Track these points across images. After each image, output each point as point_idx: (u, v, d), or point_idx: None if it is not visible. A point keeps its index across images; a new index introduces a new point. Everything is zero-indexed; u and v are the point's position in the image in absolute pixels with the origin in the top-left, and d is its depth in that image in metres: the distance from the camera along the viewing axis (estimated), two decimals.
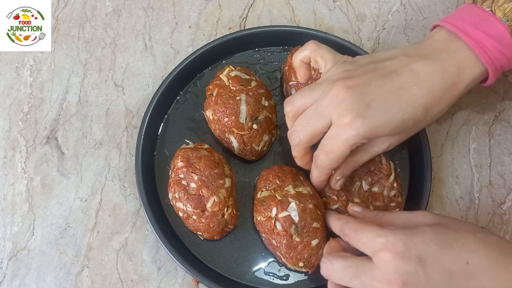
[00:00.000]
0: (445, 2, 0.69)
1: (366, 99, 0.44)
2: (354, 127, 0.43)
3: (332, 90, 0.45)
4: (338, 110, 0.44)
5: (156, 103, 0.59)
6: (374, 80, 0.45)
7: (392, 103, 0.44)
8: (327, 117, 0.45)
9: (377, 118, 0.44)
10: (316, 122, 0.45)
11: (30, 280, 0.56)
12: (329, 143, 0.45)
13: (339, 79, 0.45)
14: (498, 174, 0.60)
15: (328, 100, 0.45)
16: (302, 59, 0.50)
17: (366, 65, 0.47)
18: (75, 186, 0.60)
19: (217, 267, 0.55)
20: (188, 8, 0.69)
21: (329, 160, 0.46)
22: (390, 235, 0.41)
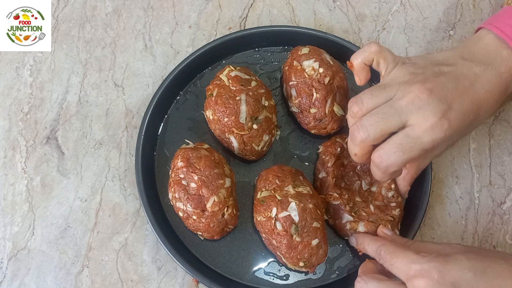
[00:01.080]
0: (445, 2, 0.69)
1: (448, 101, 0.44)
2: (442, 129, 0.43)
3: (412, 91, 0.44)
4: (423, 111, 0.44)
5: (156, 103, 0.59)
6: (448, 83, 0.45)
7: (467, 104, 0.45)
8: (404, 118, 0.44)
9: (458, 120, 0.44)
10: (391, 120, 0.44)
11: (30, 280, 0.56)
12: (408, 142, 0.44)
13: (415, 82, 0.45)
14: (498, 174, 0.60)
15: (407, 100, 0.44)
16: (365, 61, 0.50)
17: (429, 67, 0.47)
18: (75, 186, 0.60)
19: (217, 267, 0.55)
20: (188, 8, 0.69)
21: (403, 159, 0.45)
22: (425, 262, 0.41)
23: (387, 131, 0.45)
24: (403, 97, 0.45)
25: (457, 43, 0.67)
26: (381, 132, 0.45)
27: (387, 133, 0.45)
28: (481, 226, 0.58)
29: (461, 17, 0.68)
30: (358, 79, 0.51)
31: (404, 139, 0.44)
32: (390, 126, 0.45)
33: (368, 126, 0.45)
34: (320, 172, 0.57)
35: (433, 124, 0.43)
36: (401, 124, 0.44)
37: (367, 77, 0.51)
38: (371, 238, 0.50)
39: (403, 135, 0.44)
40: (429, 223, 0.58)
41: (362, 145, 0.46)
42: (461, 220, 0.58)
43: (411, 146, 0.44)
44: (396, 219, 0.54)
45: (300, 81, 0.57)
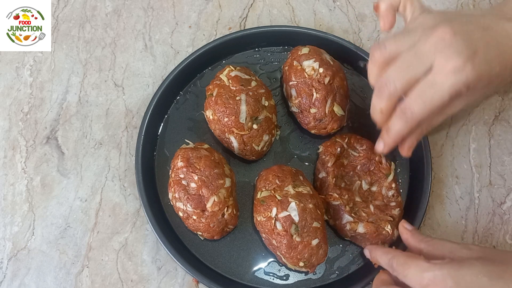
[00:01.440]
0: (445, 2, 0.69)
1: (473, 46, 0.41)
2: (464, 72, 0.41)
3: (436, 32, 0.42)
4: (445, 53, 0.41)
5: (156, 103, 0.59)
6: (476, 30, 0.43)
7: (492, 53, 0.43)
8: (428, 62, 0.42)
9: (482, 66, 0.42)
10: (416, 68, 0.42)
11: (30, 280, 0.56)
12: (430, 90, 0.42)
13: (440, 23, 0.43)
14: (498, 174, 0.60)
15: (431, 43, 0.42)
16: (392, 2, 0.48)
17: (458, 16, 0.45)
18: (75, 186, 0.60)
19: (217, 267, 0.55)
20: (188, 8, 0.69)
21: (426, 110, 0.42)
22: (437, 270, 0.41)
23: (414, 80, 0.43)
24: (427, 40, 0.42)
25: None
26: (408, 84, 0.43)
27: (415, 82, 0.43)
28: (481, 226, 0.58)
29: None
30: (383, 23, 0.49)
31: (425, 87, 0.42)
32: (416, 76, 0.42)
33: (395, 78, 0.43)
34: (320, 172, 0.57)
35: (456, 67, 0.41)
36: (427, 70, 0.42)
37: (392, 23, 0.48)
38: (383, 251, 0.49)
39: (425, 83, 0.42)
40: (429, 223, 0.58)
41: (390, 99, 0.44)
42: (461, 220, 0.58)
43: (433, 94, 0.42)
44: (396, 218, 0.54)
45: (300, 81, 0.57)
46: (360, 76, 0.64)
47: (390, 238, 0.53)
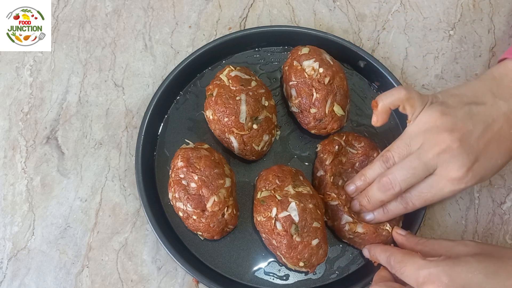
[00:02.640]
0: (445, 2, 0.69)
1: (474, 152, 0.45)
2: (464, 181, 0.45)
3: (440, 143, 0.45)
4: (449, 165, 0.45)
5: (156, 103, 0.59)
6: (476, 130, 0.46)
7: (493, 152, 0.46)
8: (432, 168, 0.46)
9: (483, 170, 0.46)
10: (421, 173, 0.47)
11: (30, 280, 0.56)
12: (430, 192, 0.47)
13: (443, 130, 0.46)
14: (498, 174, 0.60)
15: (435, 153, 0.46)
16: (390, 106, 0.50)
17: (459, 108, 0.47)
18: (75, 186, 0.60)
19: (217, 267, 0.55)
20: (188, 8, 0.69)
21: (423, 205, 0.49)
22: (433, 267, 0.41)
23: (416, 182, 0.48)
24: (430, 149, 0.46)
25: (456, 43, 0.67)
26: (411, 185, 0.48)
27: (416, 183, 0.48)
28: (481, 226, 0.58)
29: (461, 17, 0.68)
30: (376, 120, 0.51)
31: (426, 188, 0.47)
32: (419, 179, 0.47)
33: (400, 181, 0.48)
34: (319, 170, 0.57)
35: (457, 178, 0.45)
36: (429, 173, 0.47)
37: (385, 121, 0.51)
38: (381, 249, 0.51)
39: (426, 185, 0.47)
40: (429, 223, 0.58)
41: (394, 196, 0.50)
42: (461, 220, 0.58)
43: (432, 196, 0.47)
44: (397, 217, 0.54)
45: (300, 81, 0.57)
46: (360, 76, 0.64)
47: (390, 238, 0.53)
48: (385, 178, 0.49)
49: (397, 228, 0.53)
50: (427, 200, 0.48)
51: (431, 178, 0.47)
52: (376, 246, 0.52)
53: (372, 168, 0.51)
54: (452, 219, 0.58)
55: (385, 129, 0.60)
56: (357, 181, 0.53)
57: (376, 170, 0.51)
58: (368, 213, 0.53)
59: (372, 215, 0.53)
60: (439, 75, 0.65)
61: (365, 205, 0.52)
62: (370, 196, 0.51)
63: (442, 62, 0.66)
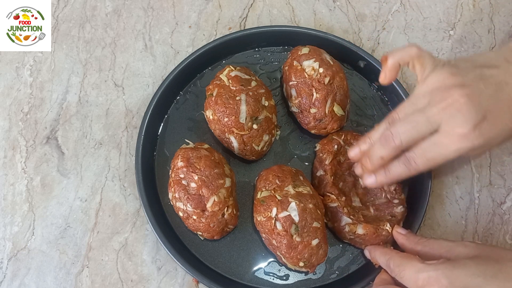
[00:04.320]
0: (445, 2, 0.69)
1: (482, 110, 0.43)
2: (470, 139, 0.42)
3: (447, 98, 0.43)
4: (454, 119, 0.43)
5: (156, 103, 0.59)
6: (486, 89, 0.44)
7: (503, 113, 0.44)
8: (436, 124, 0.44)
9: (491, 130, 0.43)
10: (424, 128, 0.44)
11: (30, 280, 0.56)
12: (434, 150, 0.44)
13: (452, 86, 0.44)
14: (498, 174, 0.60)
15: (440, 107, 0.43)
16: (400, 61, 0.48)
17: (470, 70, 0.45)
18: (75, 186, 0.60)
19: (217, 267, 0.55)
20: (188, 8, 0.69)
21: (427, 166, 0.46)
22: (432, 270, 0.41)
23: (419, 138, 0.45)
24: (437, 103, 0.44)
25: (456, 43, 0.67)
26: (413, 140, 0.45)
27: (419, 139, 0.45)
28: (481, 226, 0.58)
29: (461, 17, 0.68)
30: (384, 76, 0.49)
31: (431, 146, 0.45)
32: (421, 134, 0.45)
33: (401, 133, 0.45)
34: (318, 170, 0.57)
35: (462, 134, 0.42)
36: (433, 130, 0.44)
37: (393, 78, 0.49)
38: (381, 251, 0.50)
39: (430, 142, 0.45)
40: (429, 223, 0.58)
41: (394, 151, 0.47)
42: (461, 220, 0.58)
43: (436, 154, 0.45)
44: (399, 217, 0.54)
45: (300, 81, 0.57)
46: (360, 76, 0.64)
47: (390, 238, 0.53)
48: (387, 131, 0.46)
49: (398, 227, 0.53)
50: (430, 159, 0.45)
51: (435, 135, 0.44)
52: (375, 248, 0.52)
53: (377, 130, 0.49)
54: (452, 219, 0.58)
55: None
56: (361, 144, 0.51)
57: (381, 131, 0.48)
58: (369, 176, 0.51)
59: (373, 178, 0.50)
60: None
61: (366, 165, 0.50)
62: (370, 154, 0.49)
63: None
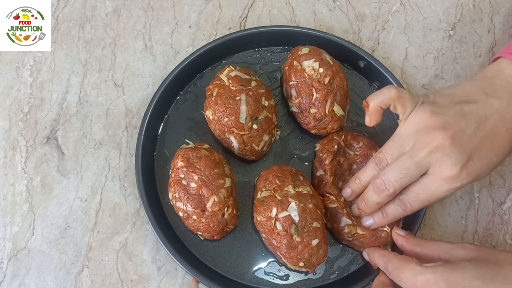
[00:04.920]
0: (445, 2, 0.69)
1: (467, 150, 0.44)
2: (459, 180, 0.44)
3: (432, 142, 0.45)
4: (442, 163, 0.44)
5: (156, 103, 0.59)
6: (468, 128, 0.45)
7: (487, 149, 0.45)
8: (425, 168, 0.46)
9: (478, 168, 0.45)
10: (414, 173, 0.46)
11: (30, 280, 0.56)
12: (426, 192, 0.47)
13: (434, 129, 0.45)
14: (498, 174, 0.60)
15: (426, 152, 0.45)
16: (381, 105, 0.49)
17: (450, 107, 0.46)
18: (75, 186, 0.60)
19: (217, 267, 0.55)
20: (188, 8, 0.69)
21: (422, 206, 0.49)
22: (430, 273, 0.41)
23: (409, 182, 0.47)
24: (422, 148, 0.45)
25: (456, 43, 0.67)
26: (405, 185, 0.47)
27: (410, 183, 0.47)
28: (481, 226, 0.58)
29: (461, 17, 0.68)
30: (369, 120, 0.51)
31: (422, 189, 0.47)
32: (412, 179, 0.47)
33: (393, 181, 0.47)
34: (318, 170, 0.57)
35: (451, 177, 0.44)
36: (421, 174, 0.46)
37: (378, 120, 0.51)
38: (379, 254, 0.50)
39: (422, 186, 0.47)
40: (429, 223, 0.58)
41: (389, 198, 0.49)
42: (461, 220, 0.58)
43: (429, 196, 0.47)
44: None
45: (300, 81, 0.57)
46: (360, 76, 0.64)
47: (390, 239, 0.53)
48: (378, 179, 0.48)
49: (397, 229, 0.53)
50: (424, 201, 0.47)
51: (426, 178, 0.46)
52: (374, 250, 0.52)
53: (365, 170, 0.51)
54: (452, 219, 0.58)
55: (385, 128, 0.60)
56: (352, 185, 0.53)
57: (370, 172, 0.51)
58: (367, 218, 0.53)
59: (371, 220, 0.52)
60: (439, 75, 0.65)
61: (363, 209, 0.52)
62: (366, 199, 0.51)
63: (442, 62, 0.66)
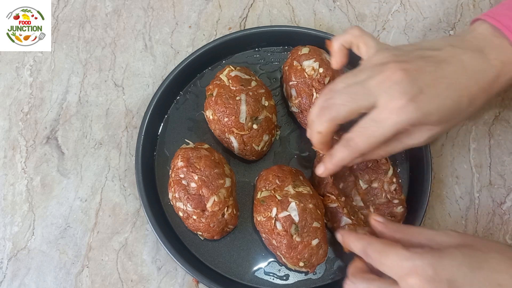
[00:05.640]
0: (445, 2, 0.69)
1: (420, 84, 0.42)
2: (406, 111, 0.42)
3: (385, 71, 0.43)
4: (390, 92, 0.42)
5: (156, 103, 0.59)
6: (426, 67, 0.44)
7: (442, 90, 0.43)
8: (374, 97, 0.43)
9: (428, 104, 0.42)
10: (362, 100, 0.43)
11: (30, 280, 0.56)
12: (372, 126, 0.43)
13: (391, 61, 0.44)
14: (498, 174, 0.60)
15: (379, 80, 0.43)
16: (343, 43, 0.49)
17: (412, 51, 0.46)
18: (75, 186, 0.60)
19: (217, 267, 0.55)
20: (188, 8, 0.69)
21: (368, 144, 0.44)
22: (417, 259, 0.40)
23: (356, 111, 0.44)
24: (375, 76, 0.43)
25: None
26: (350, 112, 0.44)
27: (356, 113, 0.44)
28: (481, 226, 0.58)
29: (461, 17, 0.68)
30: (335, 61, 0.50)
31: (368, 122, 0.43)
32: (359, 107, 0.44)
33: (338, 104, 0.44)
34: None
35: (399, 106, 0.42)
36: (370, 105, 0.43)
37: (343, 61, 0.50)
38: (356, 237, 0.47)
39: (368, 119, 0.43)
40: (429, 223, 0.58)
41: (331, 123, 0.45)
42: (461, 220, 0.58)
43: (375, 130, 0.43)
44: (399, 217, 0.54)
45: (300, 81, 0.57)
46: None
47: None
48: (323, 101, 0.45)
49: (375, 215, 0.50)
50: (370, 136, 0.43)
51: (373, 111, 0.43)
52: (350, 233, 0.49)
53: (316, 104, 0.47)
54: (452, 219, 0.58)
55: None
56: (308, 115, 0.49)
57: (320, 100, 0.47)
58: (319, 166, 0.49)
59: (322, 166, 0.49)
60: None
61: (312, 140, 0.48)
62: (310, 125, 0.48)
63: None
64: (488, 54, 0.46)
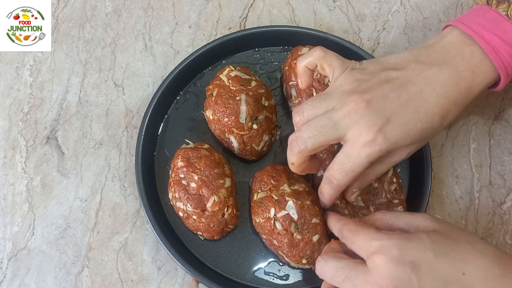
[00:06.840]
0: (445, 2, 0.69)
1: (386, 113, 0.43)
2: (377, 143, 0.42)
3: (350, 103, 0.43)
4: (358, 126, 0.43)
5: (156, 103, 0.59)
6: (390, 92, 0.44)
7: (410, 114, 0.44)
8: (342, 131, 0.44)
9: (398, 132, 0.43)
10: (330, 133, 0.44)
11: (30, 280, 0.56)
12: (348, 162, 0.44)
13: (355, 92, 0.44)
14: (498, 174, 0.60)
15: (344, 113, 0.43)
16: (307, 65, 0.49)
17: (377, 73, 0.46)
18: (75, 186, 0.60)
19: (217, 267, 0.55)
20: (188, 8, 0.69)
21: (348, 178, 0.45)
22: (385, 239, 0.40)
23: (326, 143, 0.45)
24: (340, 108, 0.44)
25: None
26: (319, 145, 0.45)
27: (326, 145, 0.45)
28: (481, 226, 0.58)
29: None
30: (300, 82, 0.51)
31: (344, 159, 0.45)
32: (327, 139, 0.44)
33: (306, 138, 0.45)
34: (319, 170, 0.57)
35: (367, 140, 0.42)
36: (339, 137, 0.44)
37: (309, 82, 0.50)
38: (337, 218, 0.49)
39: (343, 154, 0.45)
40: None
41: (300, 156, 0.46)
42: (461, 220, 0.58)
43: (352, 165, 0.44)
44: None
45: None
46: None
47: None
48: (292, 135, 0.46)
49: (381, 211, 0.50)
50: (349, 171, 0.44)
51: (345, 146, 0.44)
52: (332, 214, 0.50)
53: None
54: (452, 219, 0.58)
55: None
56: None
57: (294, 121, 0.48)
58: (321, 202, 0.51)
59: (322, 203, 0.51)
60: None
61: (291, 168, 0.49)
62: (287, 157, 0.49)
63: None
64: (457, 66, 0.46)
